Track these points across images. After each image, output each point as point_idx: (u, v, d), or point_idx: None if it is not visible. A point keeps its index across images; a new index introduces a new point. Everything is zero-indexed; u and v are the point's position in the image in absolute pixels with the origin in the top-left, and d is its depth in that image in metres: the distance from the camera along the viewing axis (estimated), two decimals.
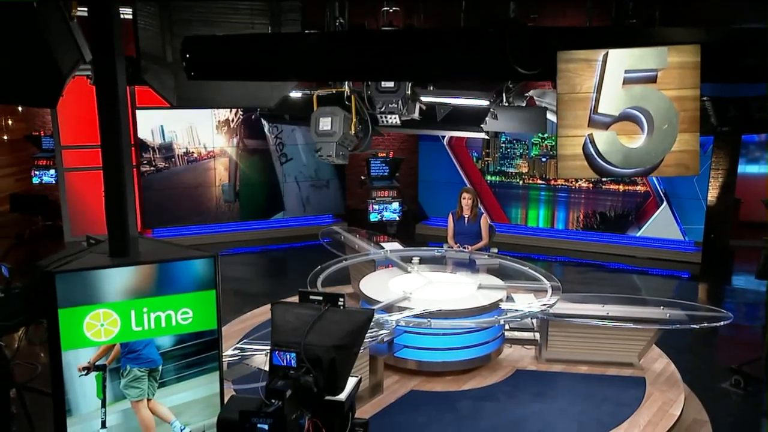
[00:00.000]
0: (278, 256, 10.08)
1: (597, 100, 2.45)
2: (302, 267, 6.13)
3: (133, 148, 9.57)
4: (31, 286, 3.49)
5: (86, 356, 3.15)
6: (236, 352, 4.58)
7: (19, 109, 11.26)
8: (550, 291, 5.62)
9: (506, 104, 4.50)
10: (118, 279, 3.14)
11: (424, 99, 3.60)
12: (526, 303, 5.56)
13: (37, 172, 10.63)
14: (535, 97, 5.64)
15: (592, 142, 2.48)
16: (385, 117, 3.33)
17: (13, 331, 3.62)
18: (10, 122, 10.92)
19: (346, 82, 3.33)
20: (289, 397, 2.42)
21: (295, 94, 5.37)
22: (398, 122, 3.39)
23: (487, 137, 4.61)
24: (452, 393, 5.06)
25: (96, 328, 3.13)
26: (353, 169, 11.06)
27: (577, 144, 2.45)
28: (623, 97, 2.47)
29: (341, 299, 2.97)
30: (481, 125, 4.46)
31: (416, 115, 3.56)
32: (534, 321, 5.75)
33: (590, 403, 4.90)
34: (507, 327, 5.71)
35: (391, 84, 3.17)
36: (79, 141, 9.34)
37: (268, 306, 2.74)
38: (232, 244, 9.90)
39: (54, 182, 10.18)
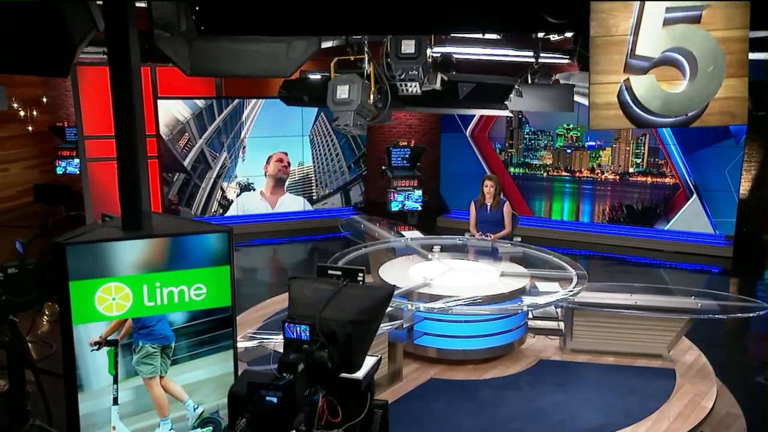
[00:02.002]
0: (298, 247, 10.02)
1: (634, 42, 2.25)
2: (321, 257, 6.05)
3: (155, 139, 9.65)
4: (45, 262, 3.45)
5: (98, 331, 3.08)
6: (255, 342, 4.49)
7: (44, 99, 11.38)
8: (575, 279, 5.45)
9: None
10: (129, 252, 3.07)
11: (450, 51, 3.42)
12: (550, 291, 5.39)
13: (61, 163, 10.72)
14: (561, 81, 5.47)
15: (629, 88, 2.29)
16: (405, 85, 3.20)
17: (28, 307, 3.57)
18: (35, 113, 11.02)
19: (366, 50, 3.21)
20: (301, 372, 2.31)
21: (314, 76, 5.29)
22: (419, 92, 3.26)
23: (511, 115, 4.45)
24: (473, 382, 4.92)
25: (108, 302, 3.06)
26: (373, 163, 10.96)
27: (611, 92, 2.27)
28: (664, 38, 2.26)
29: (360, 274, 2.86)
30: (506, 102, 4.31)
31: (438, 85, 3.43)
32: (558, 310, 5.58)
33: (616, 393, 4.73)
34: (530, 316, 5.55)
35: (411, 50, 3.04)
36: (102, 131, 9.37)
37: (285, 295, 2.63)
38: (252, 235, 9.86)
39: (78, 172, 10.25)
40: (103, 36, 3.06)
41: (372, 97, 3.21)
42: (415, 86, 3.18)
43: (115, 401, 3.17)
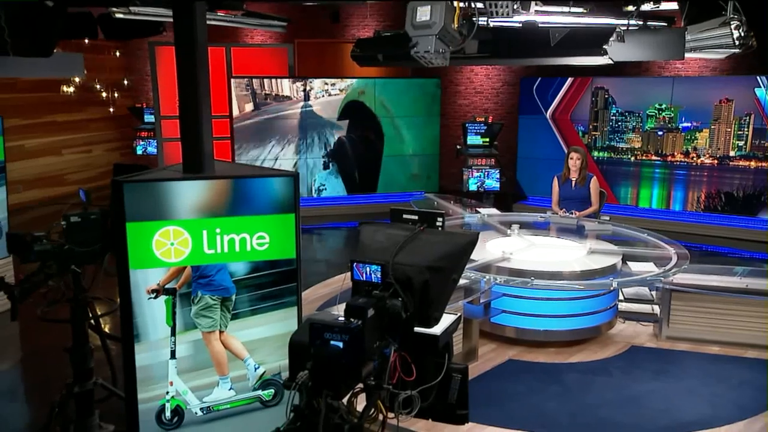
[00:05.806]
0: None
1: None
2: None
3: (227, 120, 9.66)
4: (109, 211, 3.30)
5: (155, 277, 2.90)
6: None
7: (125, 83, 11.68)
8: (674, 259, 4.89)
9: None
10: (189, 194, 2.86)
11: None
12: (644, 271, 4.85)
13: (140, 143, 10.93)
14: None
15: None
16: (495, 6, 2.80)
17: (91, 260, 3.43)
18: (116, 95, 11.33)
19: None
20: (371, 318, 1.99)
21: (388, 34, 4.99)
22: (511, 13, 2.86)
23: (611, 62, 3.94)
24: (556, 365, 4.47)
25: (166, 247, 2.87)
26: (445, 148, 10.57)
27: None
28: None
29: (440, 219, 2.51)
30: (605, 47, 3.82)
31: (531, 13, 3.03)
32: (653, 293, 5.02)
33: (725, 385, 4.16)
34: (621, 297, 5.03)
35: None
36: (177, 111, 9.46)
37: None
38: (324, 218, 9.70)
39: (156, 153, 10.42)
40: None
41: (457, 21, 2.86)
42: (507, 6, 2.78)
43: (173, 355, 2.98)
